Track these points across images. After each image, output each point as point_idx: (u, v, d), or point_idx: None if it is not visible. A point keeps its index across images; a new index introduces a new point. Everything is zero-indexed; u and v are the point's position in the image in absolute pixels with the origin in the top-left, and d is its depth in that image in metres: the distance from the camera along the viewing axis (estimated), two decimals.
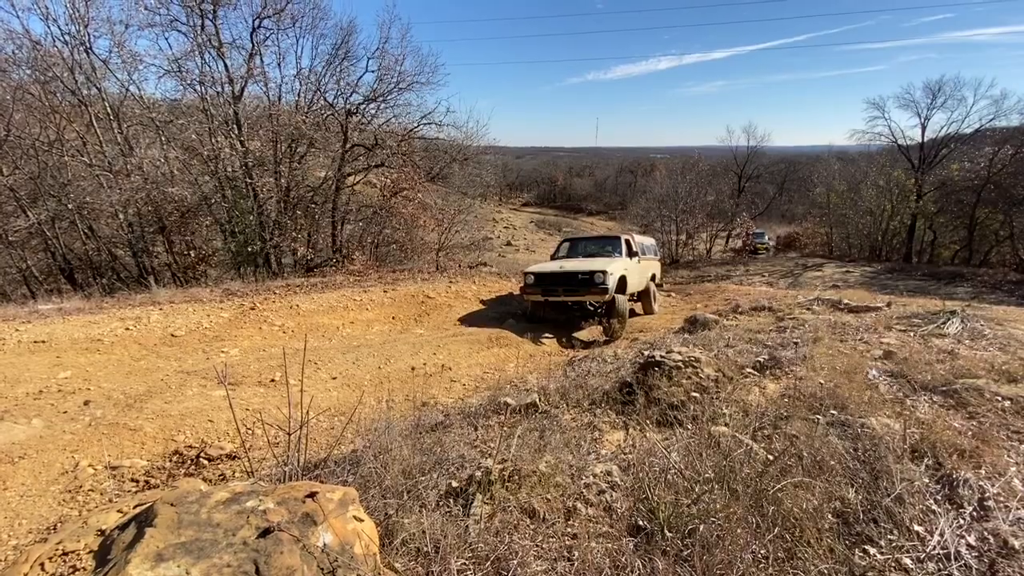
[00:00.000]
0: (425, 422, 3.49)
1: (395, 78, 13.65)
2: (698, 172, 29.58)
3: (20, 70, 11.57)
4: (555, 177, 67.81)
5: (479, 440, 3.05)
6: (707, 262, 25.21)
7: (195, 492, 1.31)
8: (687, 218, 27.13)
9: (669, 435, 2.76)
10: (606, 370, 4.76)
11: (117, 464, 3.36)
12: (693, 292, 13.71)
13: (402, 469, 2.38)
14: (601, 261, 8.66)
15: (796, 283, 16.35)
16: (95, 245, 12.17)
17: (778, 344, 4.44)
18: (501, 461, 2.37)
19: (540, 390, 3.96)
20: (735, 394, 3.14)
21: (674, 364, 3.58)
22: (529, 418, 3.38)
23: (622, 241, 9.65)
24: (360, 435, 3.46)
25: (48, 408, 4.08)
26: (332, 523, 1.27)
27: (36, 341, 5.60)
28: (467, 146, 17.02)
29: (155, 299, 7.68)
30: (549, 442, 2.79)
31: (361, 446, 2.95)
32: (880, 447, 2.24)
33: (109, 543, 1.18)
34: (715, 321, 6.29)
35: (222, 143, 11.91)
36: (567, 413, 3.50)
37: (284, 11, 12.19)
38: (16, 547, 2.63)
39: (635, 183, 56.48)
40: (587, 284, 8.06)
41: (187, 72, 11.86)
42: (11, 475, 3.18)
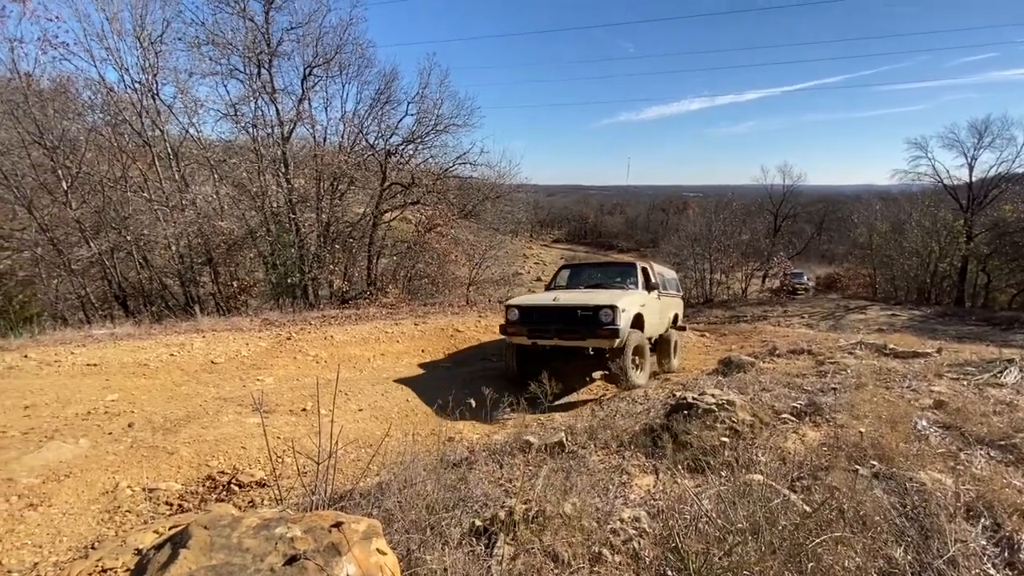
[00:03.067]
0: (450, 457, 3.48)
1: (433, 121, 14.29)
2: (732, 211, 29.29)
3: (94, 113, 12.72)
4: (586, 214, 68.39)
5: (504, 478, 3.01)
6: (742, 302, 24.56)
7: (227, 516, 1.35)
8: (721, 257, 26.72)
9: (701, 481, 2.66)
10: (635, 411, 4.66)
11: (154, 486, 3.46)
12: (728, 332, 13.34)
13: (426, 504, 2.37)
14: (610, 294, 6.52)
15: (837, 326, 15.70)
16: (148, 274, 12.90)
17: (818, 389, 4.25)
18: (525, 501, 2.34)
19: (567, 429, 3.90)
20: (771, 441, 3.01)
21: (707, 407, 3.48)
22: (555, 458, 3.32)
23: (638, 270, 7.40)
24: (386, 468, 3.47)
25: (95, 429, 4.27)
26: (356, 555, 1.28)
27: (89, 364, 5.91)
28: (499, 184, 17.47)
29: (199, 327, 8.03)
30: (575, 484, 2.73)
31: (386, 479, 2.95)
32: (931, 504, 2.10)
33: (145, 562, 1.22)
34: (751, 363, 6.09)
35: (269, 181, 12.62)
36: (595, 454, 3.42)
37: (333, 60, 13.07)
38: (56, 563, 2.72)
39: (667, 221, 56.29)
40: (589, 324, 5.93)
41: (242, 116, 12.77)
42: (56, 493, 3.31)
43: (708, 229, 27.25)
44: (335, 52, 13.00)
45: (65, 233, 11.95)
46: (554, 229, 65.79)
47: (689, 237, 28.33)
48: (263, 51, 12.22)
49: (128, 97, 12.33)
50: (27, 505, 3.15)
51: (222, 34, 11.99)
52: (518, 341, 6.52)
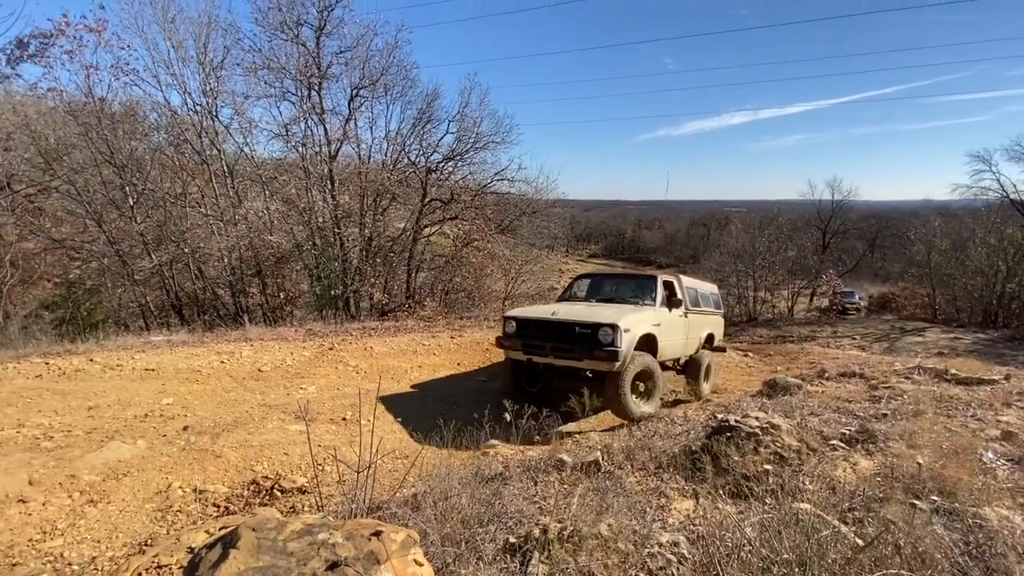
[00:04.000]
0: (484, 472, 3.48)
1: (472, 138, 14.60)
2: (777, 226, 28.33)
3: (159, 134, 13.69)
4: (623, 229, 67.79)
5: (538, 496, 2.98)
6: (789, 321, 23.60)
7: (273, 520, 1.41)
8: (766, 274, 25.82)
9: (744, 508, 2.56)
10: (675, 432, 4.54)
11: (203, 488, 3.62)
12: (773, 353, 12.83)
13: (461, 518, 2.38)
14: (615, 310, 5.82)
15: (893, 348, 14.83)
16: (202, 285, 13.63)
17: (871, 415, 4.03)
18: (560, 520, 2.31)
19: (603, 448, 3.84)
20: (820, 468, 2.87)
21: (750, 430, 3.35)
22: (591, 477, 3.27)
23: (658, 284, 6.54)
24: (422, 479, 3.51)
25: (151, 431, 4.51)
26: (394, 564, 1.30)
27: (147, 369, 6.28)
28: (536, 200, 17.58)
29: (247, 336, 8.40)
30: (611, 505, 2.68)
31: (422, 491, 2.99)
32: (997, 543, 1.95)
33: (197, 561, 1.29)
34: (797, 386, 5.84)
35: (316, 197, 13.17)
36: (632, 475, 3.35)
37: (379, 82, 13.61)
38: (112, 558, 2.87)
39: (708, 236, 55.05)
40: (587, 343, 5.32)
41: (292, 135, 13.43)
42: (115, 491, 3.51)
43: (752, 245, 26.44)
44: (380, 74, 13.55)
45: (129, 245, 12.80)
46: (590, 244, 65.47)
47: (731, 253, 27.56)
48: (314, 74, 12.86)
49: (190, 119, 13.19)
50: (88, 501, 3.36)
51: (277, 59, 12.72)
52: (514, 356, 6.04)
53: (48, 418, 4.59)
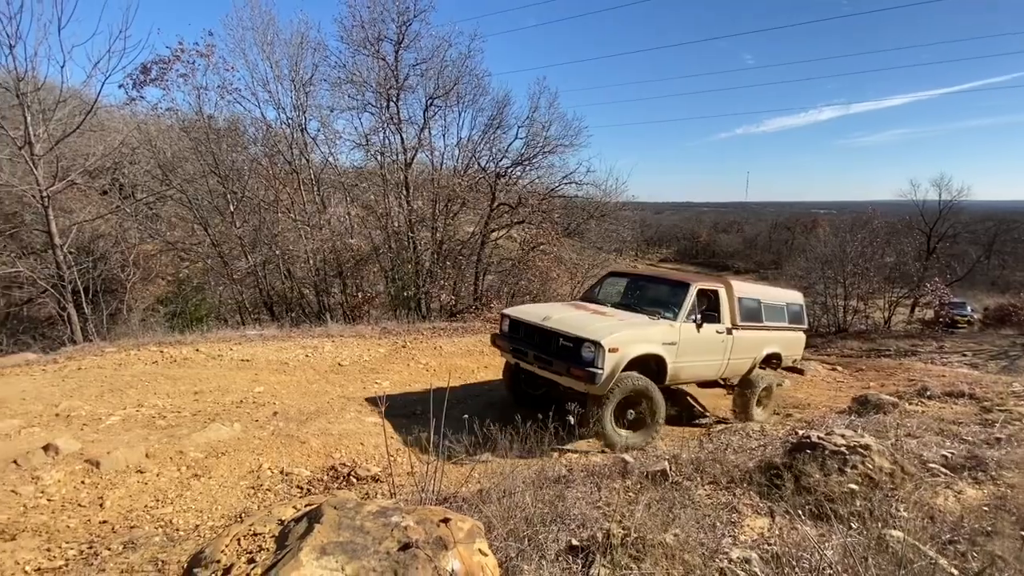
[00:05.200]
0: (548, 473, 3.50)
1: (541, 143, 14.68)
2: (872, 229, 25.87)
3: (256, 146, 15.03)
4: (698, 233, 64.95)
5: (602, 501, 2.96)
6: (885, 333, 21.48)
7: (352, 500, 1.52)
8: (858, 281, 23.64)
9: (825, 531, 2.39)
10: (750, 446, 4.32)
11: (289, 470, 3.94)
12: (865, 368, 11.75)
13: (524, 516, 2.42)
14: (611, 323, 5.08)
15: (1012, 367, 13.06)
16: (290, 284, 14.76)
17: (982, 441, 3.60)
18: (624, 527, 2.28)
19: (672, 459, 3.73)
20: (917, 494, 2.61)
21: (835, 449, 3.12)
22: (657, 486, 3.19)
23: (689, 293, 5.51)
24: (487, 476, 3.59)
25: (245, 416, 4.97)
26: (460, 551, 1.36)
27: (243, 359, 6.91)
28: (605, 203, 17.33)
29: (329, 332, 8.99)
30: (678, 516, 2.61)
31: (487, 487, 3.06)
32: None
33: (286, 532, 1.43)
34: (893, 404, 5.33)
35: (392, 203, 13.85)
36: (701, 488, 3.23)
37: (452, 91, 14.07)
38: (212, 528, 3.20)
39: (792, 240, 51.46)
40: (567, 358, 4.81)
41: (372, 145, 14.23)
42: (215, 467, 3.91)
43: (842, 250, 24.32)
44: (454, 83, 13.99)
45: (229, 248, 14.15)
46: (662, 248, 63.40)
47: (819, 258, 25.51)
48: (392, 86, 13.54)
49: (282, 132, 14.36)
50: (193, 475, 3.76)
51: (359, 73, 13.54)
52: (505, 357, 5.75)
53: (161, 400, 5.19)
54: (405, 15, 13.07)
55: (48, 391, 5.11)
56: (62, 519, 3.03)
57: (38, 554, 2.68)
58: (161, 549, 2.66)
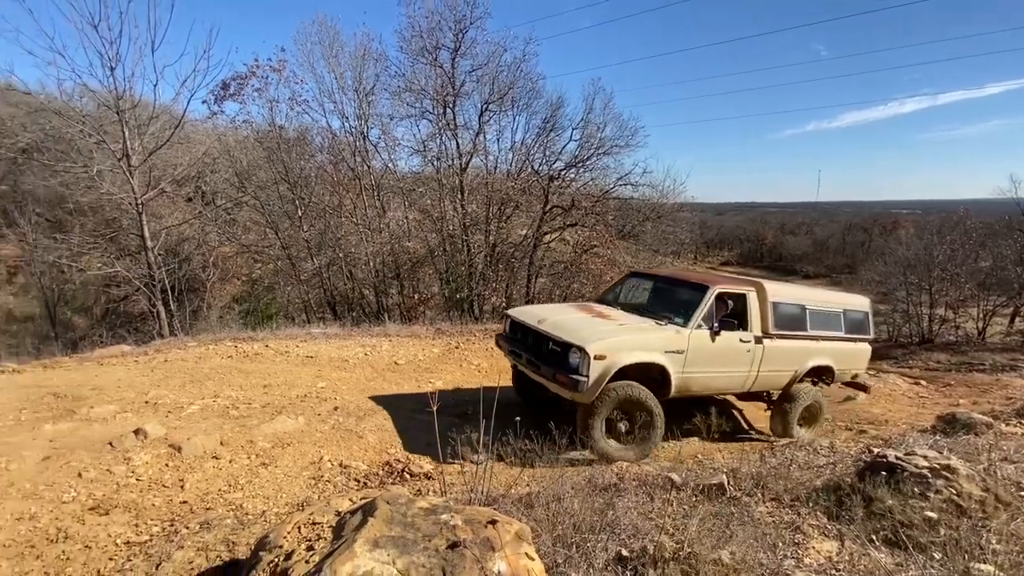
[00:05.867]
0: (598, 481, 3.45)
1: (595, 144, 14.52)
2: (964, 231, 23.51)
3: (322, 154, 15.87)
4: (763, 235, 61.66)
5: (654, 512, 2.88)
6: (979, 345, 19.46)
7: (404, 496, 1.57)
8: (946, 288, 21.54)
9: (901, 560, 2.20)
10: (817, 463, 4.06)
11: (347, 463, 4.12)
12: (953, 383, 10.70)
13: (573, 522, 2.40)
14: (602, 329, 4.82)
15: None
16: (352, 285, 15.44)
17: None
18: (677, 540, 2.21)
19: (730, 472, 3.57)
20: (1014, 525, 2.35)
21: (916, 471, 2.87)
22: (713, 501, 3.07)
23: (707, 297, 5.09)
24: (535, 479, 3.59)
25: (308, 410, 5.24)
26: (507, 554, 1.37)
27: (307, 356, 7.30)
28: (661, 204, 16.86)
29: (386, 332, 9.32)
30: (735, 533, 2.49)
31: (535, 490, 3.06)
32: None
33: (343, 523, 1.49)
34: (987, 424, 4.82)
35: (448, 206, 14.18)
36: (762, 505, 3.07)
37: (506, 95, 14.22)
38: (277, 514, 3.40)
39: (869, 243, 47.86)
40: (554, 363, 4.65)
41: (429, 151, 14.64)
42: (280, 457, 4.15)
43: (928, 253, 22.24)
44: (509, 88, 14.13)
45: (297, 250, 15.02)
46: (723, 250, 60.74)
47: (900, 262, 23.45)
48: (449, 93, 13.88)
49: (346, 140, 15.09)
50: (261, 464, 4.01)
51: (417, 82, 13.98)
52: (506, 357, 5.68)
53: (235, 391, 5.57)
54: (462, 23, 13.36)
55: (139, 380, 5.63)
56: (148, 498, 3.32)
57: (127, 528, 2.95)
58: (232, 531, 2.86)
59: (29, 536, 2.79)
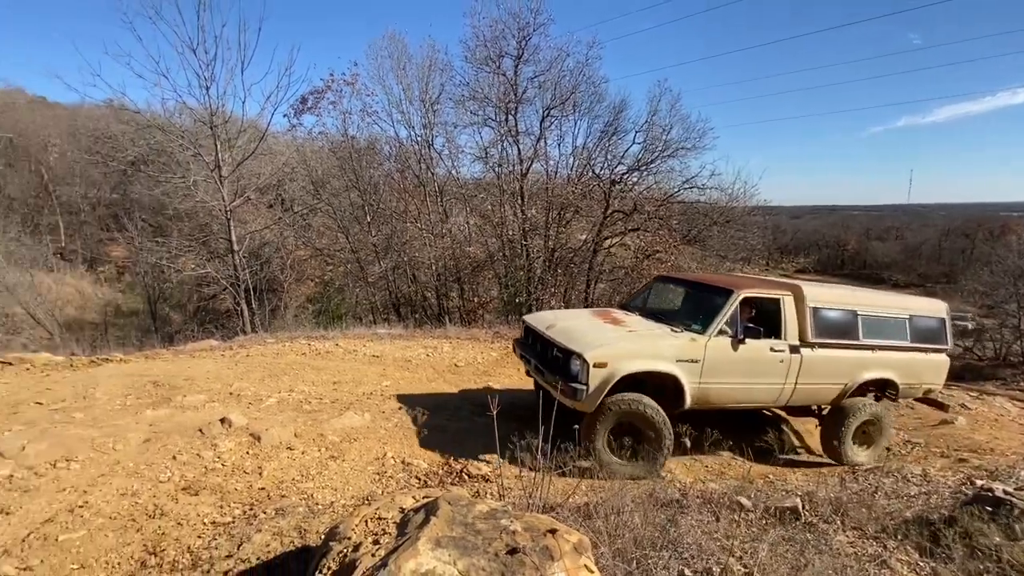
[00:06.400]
0: (660, 495, 3.34)
1: (660, 147, 14.12)
2: None
3: (389, 162, 16.58)
4: (844, 240, 57.22)
5: (720, 533, 2.74)
6: None
7: (465, 498, 1.60)
8: None
9: None
10: (907, 492, 3.72)
11: (409, 461, 4.25)
12: None
13: (633, 537, 2.33)
14: (607, 335, 4.67)
15: None
16: (415, 288, 15.98)
17: None
18: (745, 564, 2.09)
19: (805, 496, 3.34)
20: None
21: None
22: (785, 525, 2.88)
23: (730, 302, 4.75)
24: (594, 490, 3.53)
25: (374, 407, 5.47)
26: (567, 564, 1.36)
27: (373, 355, 7.63)
28: (731, 208, 16.09)
29: (447, 334, 9.55)
30: (811, 561, 2.32)
31: (594, 501, 3.01)
32: None
33: (406, 520, 1.55)
34: None
35: (508, 212, 14.33)
36: (842, 533, 2.85)
37: (568, 100, 14.17)
38: (343, 506, 3.56)
39: (971, 249, 43.22)
40: (558, 370, 4.55)
41: (490, 157, 14.89)
42: (348, 451, 4.35)
43: None
44: (571, 92, 14.08)
45: (366, 254, 15.76)
46: (799, 256, 56.97)
47: (1010, 272, 21.01)
48: (511, 100, 14.05)
49: (412, 148, 15.67)
50: (330, 456, 4.23)
51: (481, 90, 14.27)
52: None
53: (308, 387, 5.91)
54: (525, 30, 13.48)
55: (225, 373, 6.11)
56: (231, 482, 3.59)
57: (213, 509, 3.21)
58: (304, 519, 3.03)
59: (131, 510, 3.10)
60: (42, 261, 23.38)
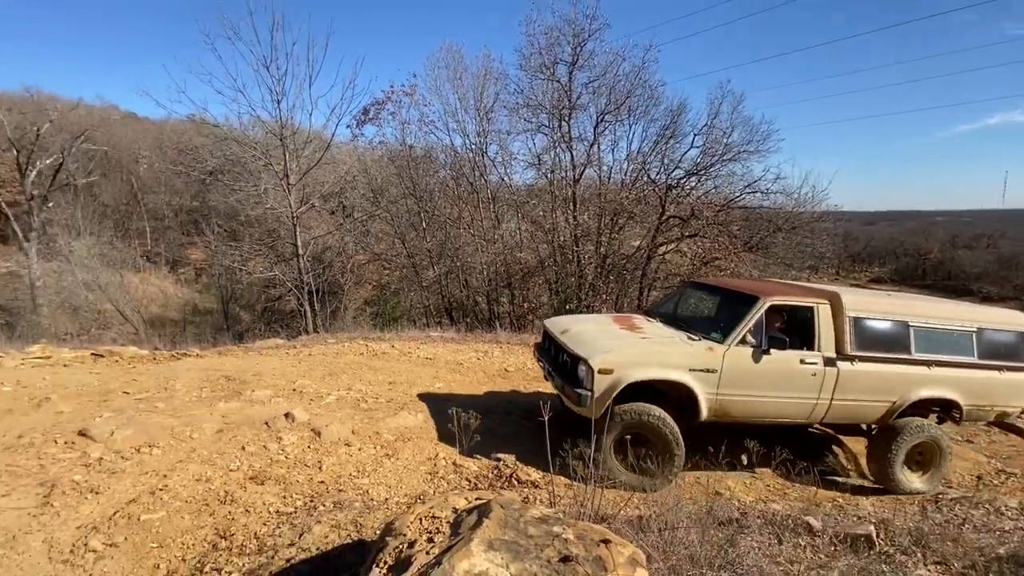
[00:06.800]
0: (718, 513, 3.20)
1: (720, 150, 13.64)
2: None
3: (444, 170, 16.99)
4: (926, 248, 52.65)
5: (783, 557, 2.59)
6: None
7: (517, 502, 1.61)
8: None
9: None
10: (1001, 527, 3.38)
11: (460, 463, 4.31)
12: None
13: (689, 554, 2.25)
14: (615, 341, 4.55)
15: None
16: (467, 293, 16.25)
17: None
18: None
19: (879, 523, 3.10)
20: None
21: None
22: (858, 554, 2.68)
23: (753, 309, 4.49)
24: (646, 503, 3.43)
25: (427, 408, 5.59)
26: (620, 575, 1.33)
27: (427, 358, 7.81)
28: (797, 213, 15.25)
29: (498, 339, 9.63)
30: None
31: (647, 515, 2.92)
32: None
33: (459, 520, 1.57)
34: None
35: (559, 218, 14.30)
36: (922, 567, 2.63)
37: (623, 105, 14.00)
38: (397, 503, 3.66)
39: None
40: (566, 376, 4.49)
41: (543, 163, 14.93)
42: (402, 450, 4.47)
43: None
44: (626, 97, 13.90)
45: (420, 259, 16.21)
46: (873, 265, 53.02)
47: None
48: (565, 106, 14.06)
49: (466, 156, 16.00)
50: (385, 455, 4.36)
51: (534, 97, 14.37)
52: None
53: (365, 386, 6.13)
54: (580, 36, 13.47)
55: (289, 370, 6.45)
56: (294, 474, 3.78)
57: (277, 499, 3.39)
58: (360, 514, 3.14)
59: (204, 495, 3.33)
60: (131, 263, 25.80)
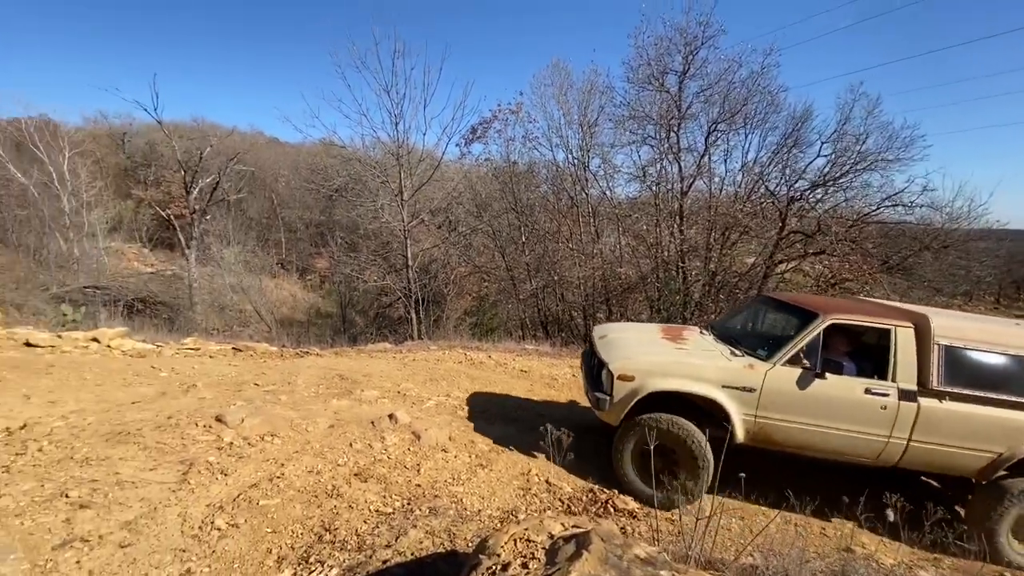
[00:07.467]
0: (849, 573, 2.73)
1: (852, 159, 12.16)
2: None
3: (545, 185, 17.13)
4: None
5: None
6: None
7: (618, 537, 1.47)
8: None
9: None
10: None
11: (552, 482, 4.19)
12: None
13: None
14: (650, 349, 4.40)
15: None
16: (563, 307, 16.13)
17: None
18: None
19: None
20: None
21: None
22: None
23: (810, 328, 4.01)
24: (760, 550, 3.05)
25: (521, 420, 5.56)
26: None
27: (521, 370, 7.82)
28: (949, 230, 13.06)
29: None
30: None
31: (762, 565, 2.58)
32: None
33: (556, 548, 1.47)
34: None
35: (664, 232, 13.67)
36: None
37: (738, 113, 13.08)
38: (489, 516, 3.63)
39: None
40: (593, 381, 4.49)
41: (648, 176, 14.42)
42: (495, 461, 4.46)
43: None
44: (742, 105, 12.98)
45: (518, 272, 16.43)
46: None
47: None
48: (673, 116, 13.49)
49: (568, 170, 15.99)
50: (479, 465, 4.38)
51: (641, 108, 13.97)
52: None
53: (462, 393, 6.27)
54: (692, 44, 12.89)
55: (395, 373, 6.82)
56: (394, 475, 3.93)
57: (378, 498, 3.53)
58: (453, 523, 3.16)
59: (314, 487, 3.57)
60: (268, 269, 29.48)
